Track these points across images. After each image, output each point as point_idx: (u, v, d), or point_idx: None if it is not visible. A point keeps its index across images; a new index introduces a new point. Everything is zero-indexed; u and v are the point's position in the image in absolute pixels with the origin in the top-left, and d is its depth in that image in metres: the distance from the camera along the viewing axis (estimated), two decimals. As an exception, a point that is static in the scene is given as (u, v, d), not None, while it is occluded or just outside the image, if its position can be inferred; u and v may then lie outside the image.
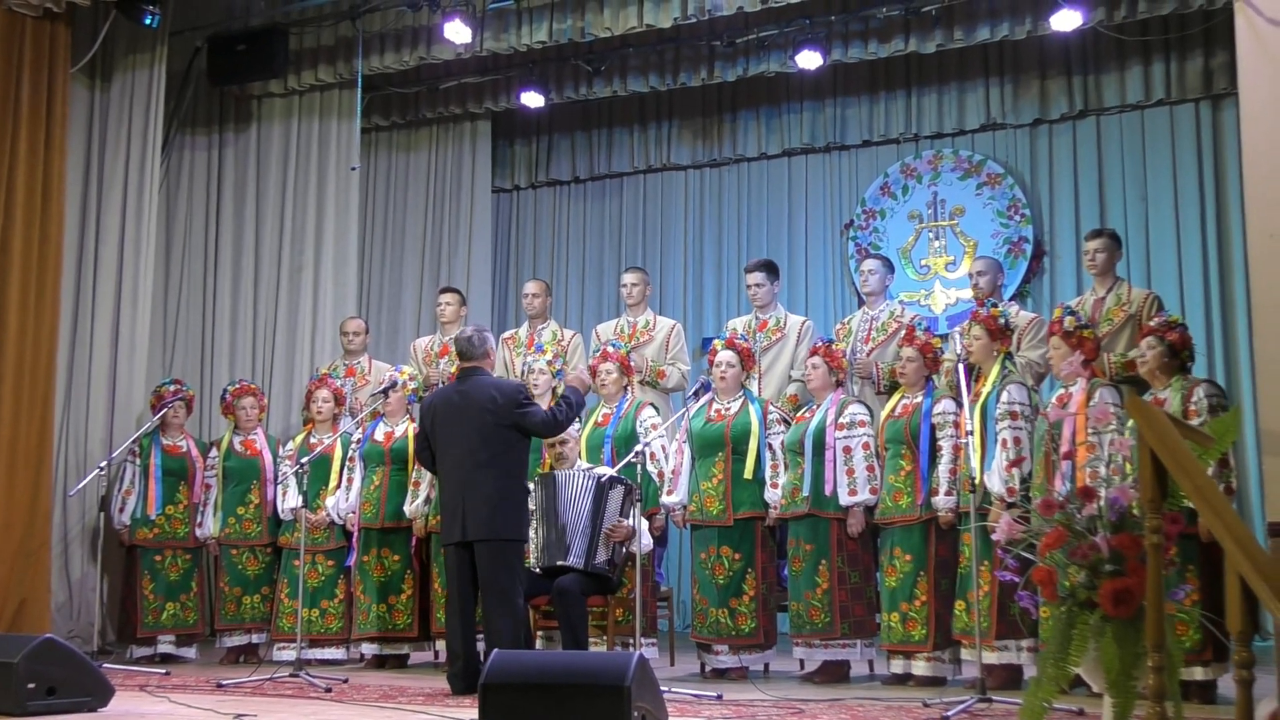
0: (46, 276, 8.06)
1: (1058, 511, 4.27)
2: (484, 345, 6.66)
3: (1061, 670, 4.08)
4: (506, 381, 6.60)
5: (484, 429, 6.36)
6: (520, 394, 6.50)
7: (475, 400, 6.43)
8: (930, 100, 10.05)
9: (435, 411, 6.59)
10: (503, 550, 6.28)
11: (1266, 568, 3.11)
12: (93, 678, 5.55)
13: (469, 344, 6.64)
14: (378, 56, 9.55)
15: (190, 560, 8.11)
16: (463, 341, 6.67)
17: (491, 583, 6.23)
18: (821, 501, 6.64)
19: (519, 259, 11.56)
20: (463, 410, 6.45)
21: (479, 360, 6.62)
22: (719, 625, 6.83)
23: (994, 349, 6.44)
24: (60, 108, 8.24)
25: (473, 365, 6.60)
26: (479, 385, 6.49)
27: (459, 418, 6.45)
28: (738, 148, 10.72)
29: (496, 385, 6.53)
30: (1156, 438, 3.51)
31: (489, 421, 6.36)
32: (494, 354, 6.77)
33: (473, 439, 6.37)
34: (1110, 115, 9.58)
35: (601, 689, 4.27)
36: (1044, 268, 9.76)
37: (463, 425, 6.42)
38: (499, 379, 6.60)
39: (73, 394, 8.51)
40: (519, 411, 6.39)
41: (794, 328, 7.96)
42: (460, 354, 6.70)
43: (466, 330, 6.80)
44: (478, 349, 6.63)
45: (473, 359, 6.61)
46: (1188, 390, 5.83)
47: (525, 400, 6.49)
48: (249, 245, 9.91)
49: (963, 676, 6.36)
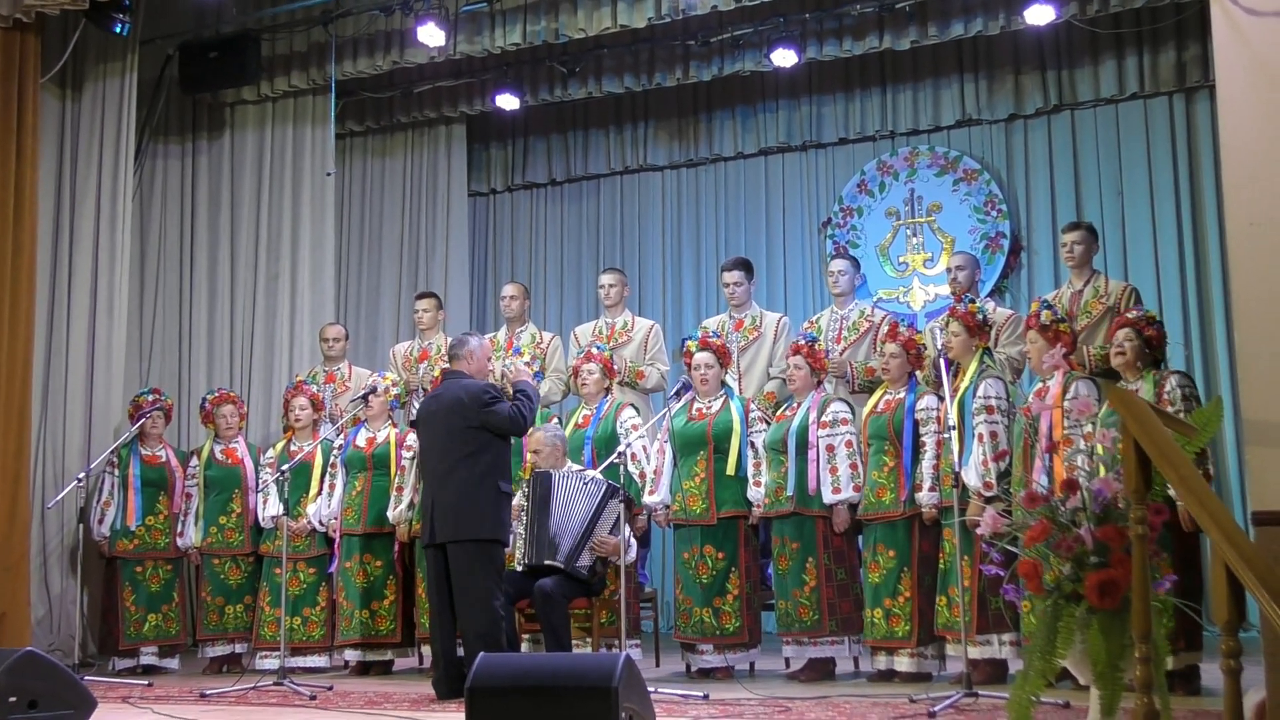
0: (21, 288, 7.99)
1: (1041, 504, 4.27)
2: (462, 347, 6.71)
3: (1048, 663, 4.08)
4: (474, 382, 6.56)
5: (452, 430, 6.40)
6: (486, 393, 6.47)
7: (446, 402, 6.49)
8: (906, 97, 10.06)
9: (420, 418, 6.70)
10: (472, 551, 6.26)
11: (1253, 557, 3.11)
12: (75, 690, 5.49)
13: (451, 346, 6.76)
14: (351, 61, 9.51)
15: (171, 571, 8.06)
16: (450, 343, 6.78)
17: (460, 583, 6.26)
18: (806, 500, 6.64)
19: (496, 262, 11.52)
20: (435, 413, 6.53)
21: (458, 362, 6.67)
22: (703, 625, 6.81)
23: (972, 344, 6.45)
24: (31, 118, 8.17)
25: (455, 367, 6.66)
26: (450, 387, 6.55)
27: (433, 420, 6.53)
28: (714, 147, 10.71)
29: (464, 386, 6.52)
30: (1140, 428, 3.51)
31: (457, 423, 6.39)
32: (475, 357, 6.72)
33: (444, 441, 6.42)
34: (1085, 109, 9.61)
35: (589, 690, 4.25)
36: (1021, 263, 9.79)
37: (436, 428, 6.49)
38: (468, 380, 6.57)
39: (49, 405, 8.44)
40: (485, 411, 6.39)
41: (770, 326, 7.97)
42: (448, 356, 6.85)
43: (459, 334, 6.85)
44: (456, 349, 6.73)
45: (454, 359, 6.71)
46: (1160, 381, 5.87)
47: (490, 399, 6.45)
48: (225, 253, 9.86)
49: (947, 672, 6.37)
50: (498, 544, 6.41)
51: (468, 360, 6.69)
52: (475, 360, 6.73)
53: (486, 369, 6.97)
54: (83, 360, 8.59)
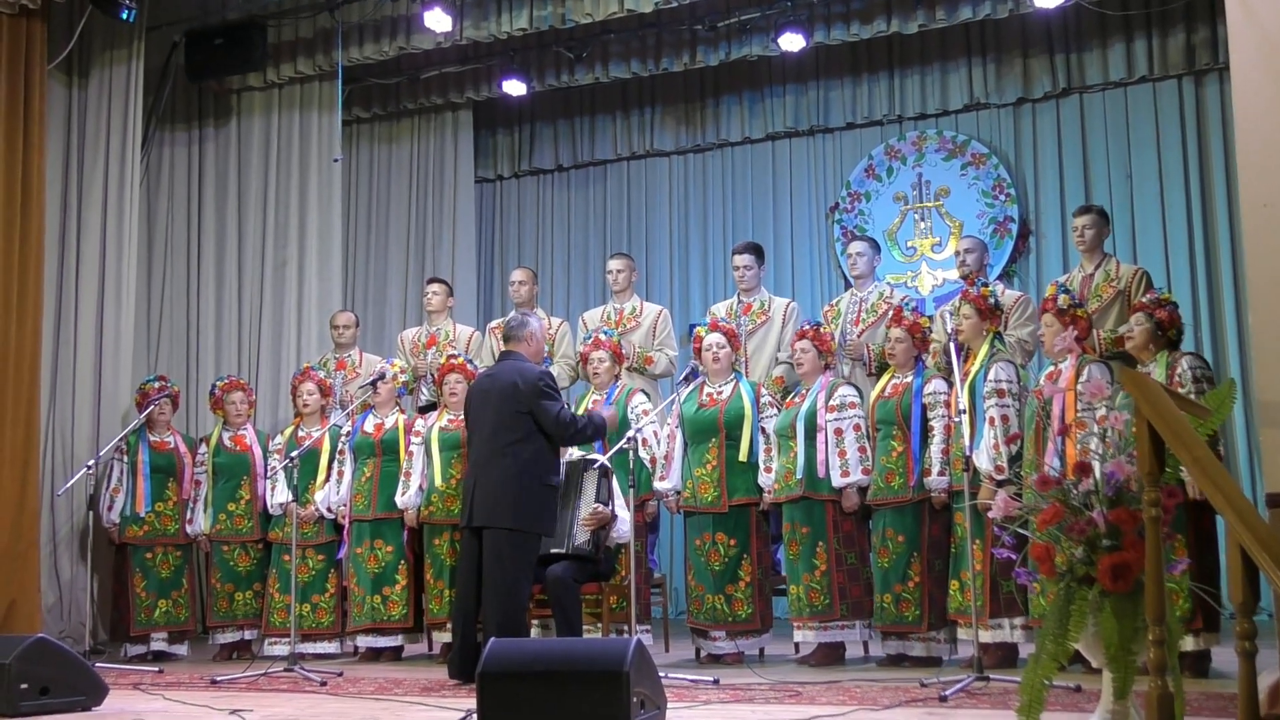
0: (28, 275, 7.99)
1: (1054, 487, 4.26)
2: (523, 328, 6.57)
3: (1060, 646, 4.07)
4: (532, 367, 6.44)
5: (503, 414, 6.28)
6: (543, 381, 6.34)
7: (499, 384, 6.35)
8: (913, 81, 10.03)
9: (470, 397, 6.57)
10: (508, 540, 6.16)
11: (1267, 539, 3.09)
12: (86, 677, 5.52)
13: (509, 325, 6.64)
14: (357, 47, 9.50)
15: (181, 557, 8.06)
16: (506, 323, 6.67)
17: (490, 570, 6.15)
18: (815, 484, 6.63)
19: (504, 248, 11.51)
20: (487, 394, 6.40)
21: (516, 343, 6.54)
22: (715, 611, 6.81)
23: (984, 328, 6.44)
24: (38, 105, 8.16)
25: (511, 348, 6.54)
26: (506, 369, 6.42)
27: (484, 401, 6.39)
28: (721, 132, 10.69)
29: (521, 370, 6.38)
30: (1153, 410, 3.49)
31: (509, 408, 6.26)
32: (535, 339, 6.62)
33: (493, 424, 6.30)
34: (1094, 93, 9.58)
35: (600, 675, 4.25)
36: (1030, 247, 9.76)
37: (486, 409, 6.36)
38: (526, 364, 6.45)
39: (58, 393, 8.45)
40: (539, 402, 6.26)
41: (779, 310, 7.95)
42: (503, 337, 6.72)
43: (513, 312, 6.75)
44: (515, 330, 6.58)
45: (511, 340, 6.58)
46: (1173, 364, 5.85)
47: (547, 389, 6.34)
48: (232, 240, 9.86)
49: (959, 656, 6.37)
50: (535, 536, 6.29)
51: (527, 342, 6.56)
52: (535, 342, 6.62)
53: (544, 351, 6.90)
54: (91, 348, 8.59)
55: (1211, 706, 4.70)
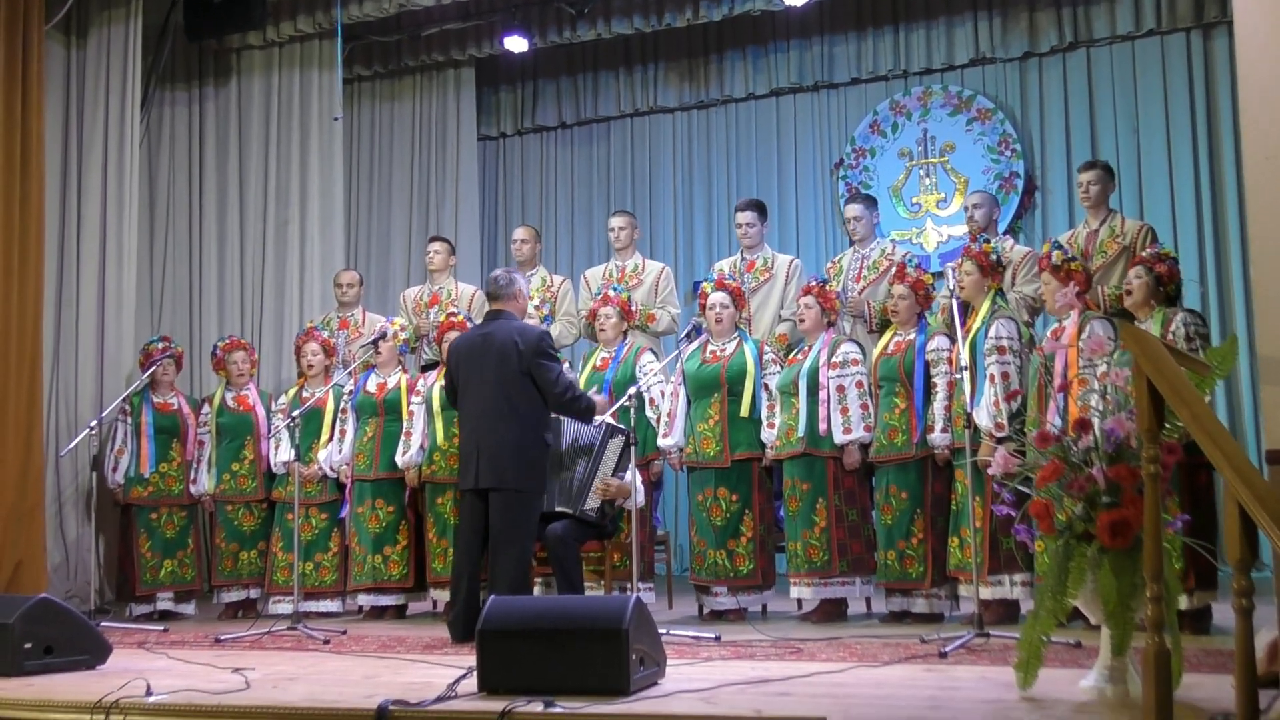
0: (29, 238, 7.97)
1: (1053, 444, 4.25)
2: (511, 286, 6.50)
3: (1059, 603, 4.08)
4: (531, 328, 6.42)
5: (504, 375, 6.23)
6: (544, 342, 6.32)
7: (497, 344, 6.29)
8: (918, 36, 9.95)
9: (459, 353, 6.48)
10: (516, 500, 6.17)
11: (1266, 495, 3.08)
12: (89, 636, 5.54)
13: (495, 284, 6.52)
14: (357, 5, 9.44)
15: (186, 517, 8.09)
16: (490, 281, 6.57)
17: (498, 531, 6.15)
18: (817, 440, 6.62)
19: (507, 206, 11.47)
20: (484, 353, 6.32)
21: (505, 301, 6.47)
22: (717, 567, 6.82)
23: (985, 284, 6.42)
24: (36, 66, 8.11)
25: (499, 307, 6.47)
26: (503, 329, 6.35)
27: (480, 361, 6.33)
28: (725, 88, 10.61)
29: (520, 330, 6.35)
30: (1153, 366, 3.47)
31: (511, 368, 6.23)
32: (523, 296, 6.62)
33: (493, 384, 6.25)
34: (1100, 47, 9.49)
35: (599, 632, 4.27)
36: (1036, 203, 9.70)
37: (483, 369, 6.30)
38: (524, 324, 6.43)
39: (61, 355, 8.45)
40: (539, 361, 6.23)
41: (782, 267, 7.91)
42: (488, 294, 6.60)
43: (496, 270, 6.71)
44: (504, 289, 6.48)
45: (499, 299, 6.48)
46: (1168, 320, 5.83)
47: (549, 350, 6.32)
48: (234, 200, 9.82)
49: (960, 612, 6.38)
50: (540, 495, 6.34)
51: (516, 299, 6.52)
52: (522, 299, 6.59)
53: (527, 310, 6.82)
54: (93, 309, 8.58)
55: (1211, 663, 4.70)
